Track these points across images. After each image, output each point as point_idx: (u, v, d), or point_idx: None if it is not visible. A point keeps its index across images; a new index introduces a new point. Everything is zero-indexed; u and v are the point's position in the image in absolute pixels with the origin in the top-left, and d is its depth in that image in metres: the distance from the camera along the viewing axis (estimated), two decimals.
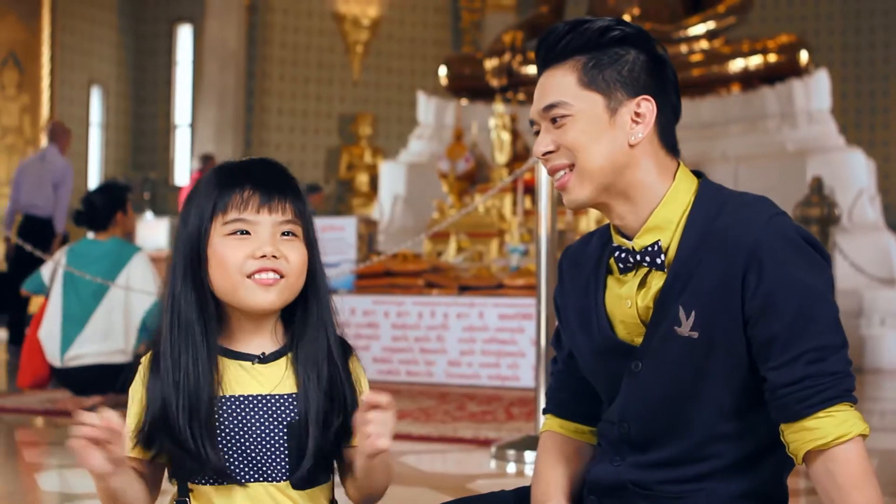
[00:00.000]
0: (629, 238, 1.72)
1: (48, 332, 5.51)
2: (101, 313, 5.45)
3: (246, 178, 1.66)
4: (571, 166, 1.70)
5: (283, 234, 1.67)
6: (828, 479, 1.56)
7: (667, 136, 1.71)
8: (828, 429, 1.56)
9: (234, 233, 1.64)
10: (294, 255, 1.67)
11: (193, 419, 1.60)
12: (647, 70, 1.70)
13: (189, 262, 1.65)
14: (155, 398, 1.63)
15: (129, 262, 5.54)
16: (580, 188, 1.70)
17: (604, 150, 1.67)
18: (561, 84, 1.69)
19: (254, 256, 1.63)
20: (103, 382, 5.36)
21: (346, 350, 1.76)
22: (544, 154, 1.71)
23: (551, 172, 1.72)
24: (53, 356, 5.44)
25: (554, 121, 1.70)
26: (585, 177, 1.69)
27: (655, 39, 1.73)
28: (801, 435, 1.58)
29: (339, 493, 1.77)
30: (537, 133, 1.74)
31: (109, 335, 5.42)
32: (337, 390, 1.69)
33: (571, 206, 1.73)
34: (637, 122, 1.68)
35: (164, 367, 1.64)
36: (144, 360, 1.69)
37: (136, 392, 1.68)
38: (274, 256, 1.64)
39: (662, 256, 1.67)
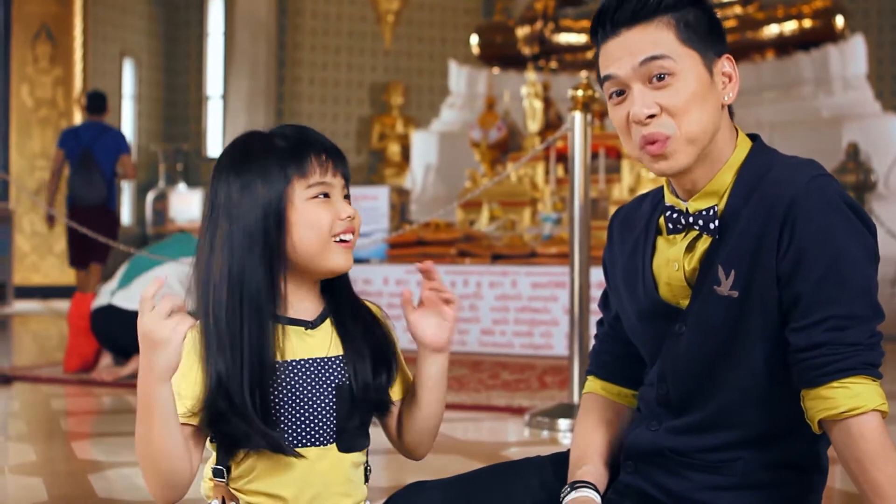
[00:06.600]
0: (683, 199, 1.70)
1: None
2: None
3: (313, 142, 1.68)
4: (668, 137, 1.61)
5: (345, 196, 1.71)
6: (846, 451, 1.53)
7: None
8: (840, 399, 1.52)
9: (317, 196, 1.66)
10: (358, 217, 1.71)
11: (255, 392, 1.60)
12: (719, 28, 1.68)
13: (264, 229, 1.63)
14: (215, 371, 1.61)
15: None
16: (684, 155, 1.62)
17: (708, 114, 1.62)
18: (658, 39, 1.60)
19: (339, 218, 1.67)
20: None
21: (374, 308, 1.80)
22: (648, 117, 1.61)
23: (648, 140, 1.61)
24: None
25: (658, 79, 1.60)
26: (690, 143, 1.61)
27: None
28: (816, 403, 1.55)
29: (374, 460, 1.78)
30: (611, 96, 1.65)
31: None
32: (380, 349, 1.72)
33: (666, 173, 1.64)
34: (728, 81, 1.66)
35: (223, 340, 1.61)
36: (191, 332, 1.64)
37: (192, 365, 1.64)
38: (350, 217, 1.68)
39: (716, 222, 1.63)
